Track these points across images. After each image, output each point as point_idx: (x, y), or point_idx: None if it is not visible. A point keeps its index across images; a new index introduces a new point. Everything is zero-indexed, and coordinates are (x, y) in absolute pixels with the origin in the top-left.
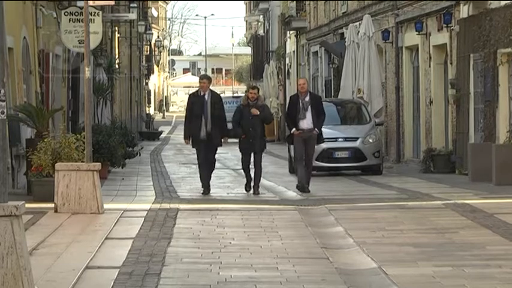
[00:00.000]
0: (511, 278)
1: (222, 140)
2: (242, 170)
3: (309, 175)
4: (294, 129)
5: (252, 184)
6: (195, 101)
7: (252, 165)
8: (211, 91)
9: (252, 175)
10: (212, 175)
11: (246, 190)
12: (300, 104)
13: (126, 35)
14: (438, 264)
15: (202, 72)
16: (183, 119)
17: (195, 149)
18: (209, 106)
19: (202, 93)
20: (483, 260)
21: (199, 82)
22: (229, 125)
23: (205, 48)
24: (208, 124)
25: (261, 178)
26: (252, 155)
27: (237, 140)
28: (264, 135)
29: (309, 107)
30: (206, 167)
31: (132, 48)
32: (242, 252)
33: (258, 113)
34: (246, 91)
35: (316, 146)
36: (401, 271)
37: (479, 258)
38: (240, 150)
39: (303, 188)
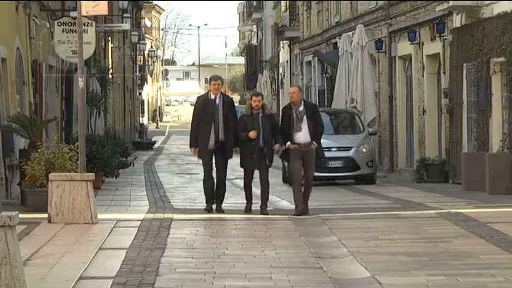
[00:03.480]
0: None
1: (234, 151)
2: (244, 191)
3: (308, 195)
4: (288, 143)
5: (260, 203)
6: (204, 105)
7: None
8: (223, 94)
9: (258, 192)
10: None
11: (245, 212)
12: (294, 115)
13: (120, 45)
14: (431, 274)
15: (196, 82)
16: (177, 129)
17: (199, 159)
18: (221, 111)
19: (212, 97)
20: (476, 269)
21: (212, 83)
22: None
23: (198, 58)
24: (221, 132)
25: (267, 192)
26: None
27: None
28: (273, 148)
29: (304, 117)
30: (212, 181)
31: (126, 58)
32: (236, 262)
33: (255, 136)
34: (249, 99)
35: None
36: (395, 280)
37: (473, 267)
38: (242, 166)
39: (301, 213)
